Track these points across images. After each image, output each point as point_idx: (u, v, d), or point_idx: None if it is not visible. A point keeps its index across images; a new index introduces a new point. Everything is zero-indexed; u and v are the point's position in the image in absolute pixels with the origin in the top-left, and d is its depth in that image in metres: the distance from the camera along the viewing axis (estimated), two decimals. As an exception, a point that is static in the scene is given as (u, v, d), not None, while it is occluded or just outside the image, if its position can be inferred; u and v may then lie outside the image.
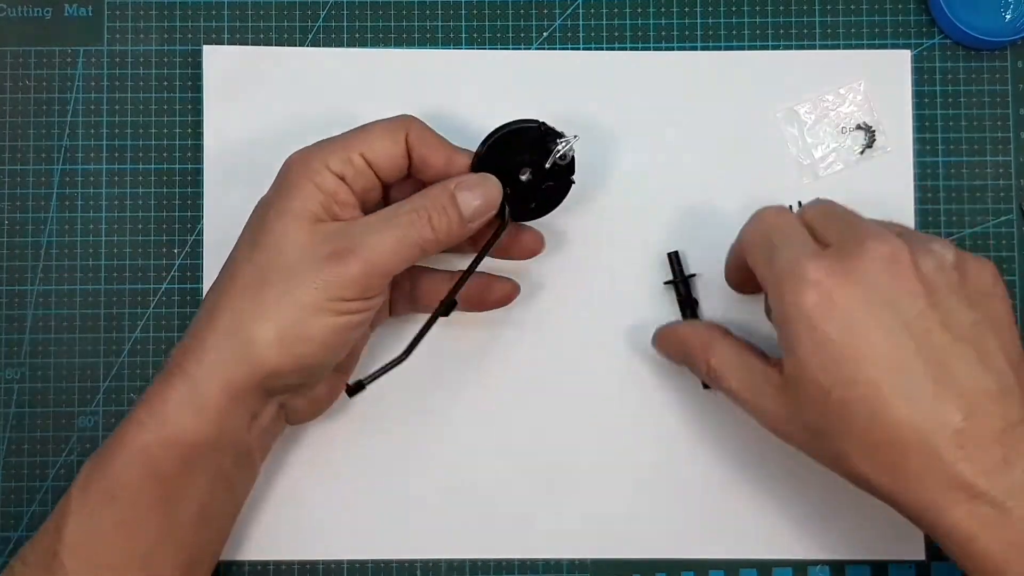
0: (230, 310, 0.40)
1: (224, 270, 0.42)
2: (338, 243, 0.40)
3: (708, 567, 0.49)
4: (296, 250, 0.40)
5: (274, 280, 0.40)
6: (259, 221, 0.41)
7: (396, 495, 0.49)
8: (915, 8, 0.51)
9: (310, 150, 0.42)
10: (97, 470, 0.40)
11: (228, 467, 0.42)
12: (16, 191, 0.51)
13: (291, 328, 0.39)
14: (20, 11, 0.51)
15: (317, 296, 0.39)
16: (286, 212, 0.41)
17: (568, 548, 0.49)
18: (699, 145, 0.50)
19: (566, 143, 0.44)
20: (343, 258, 0.40)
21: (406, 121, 0.43)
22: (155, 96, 0.51)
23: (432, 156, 0.43)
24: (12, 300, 0.50)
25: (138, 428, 0.40)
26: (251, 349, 0.39)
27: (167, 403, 0.40)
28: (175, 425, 0.40)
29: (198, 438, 0.40)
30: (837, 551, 0.49)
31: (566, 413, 0.49)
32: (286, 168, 0.42)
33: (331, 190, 0.41)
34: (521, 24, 0.51)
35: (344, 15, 0.51)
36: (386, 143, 0.42)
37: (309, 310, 0.39)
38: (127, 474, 0.40)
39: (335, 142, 0.42)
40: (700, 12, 0.51)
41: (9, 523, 0.49)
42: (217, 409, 0.40)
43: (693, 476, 0.49)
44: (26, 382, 0.50)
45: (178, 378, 0.40)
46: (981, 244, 0.50)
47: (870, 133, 0.50)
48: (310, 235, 0.40)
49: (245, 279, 0.40)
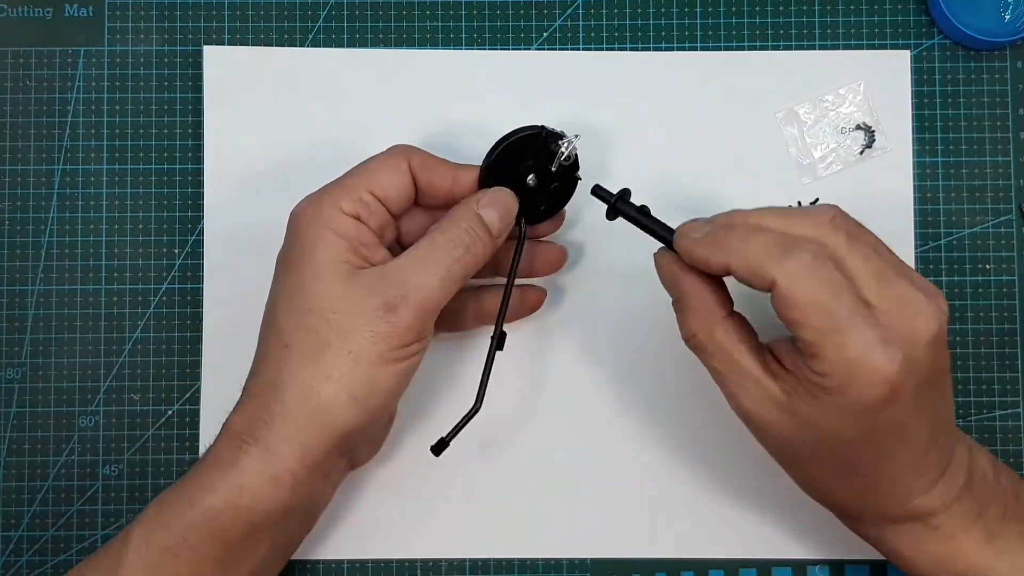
0: (296, 381, 0.40)
1: (270, 336, 0.41)
2: (385, 292, 0.40)
3: (708, 567, 0.49)
4: (345, 307, 0.40)
5: (333, 343, 0.39)
6: (293, 282, 0.41)
7: (396, 495, 0.49)
8: (915, 8, 0.51)
9: (317, 198, 0.42)
10: (161, 526, 0.40)
11: (293, 529, 0.43)
12: (17, 191, 0.51)
13: (361, 386, 0.39)
14: (21, 11, 0.51)
15: (379, 350, 0.39)
16: (319, 269, 0.40)
17: (568, 548, 0.49)
18: (699, 145, 0.50)
19: (568, 143, 0.44)
20: (395, 308, 0.39)
21: (404, 150, 0.43)
22: (155, 96, 0.51)
23: (438, 178, 0.43)
24: (13, 300, 0.50)
25: (207, 492, 0.40)
26: (326, 415, 0.39)
27: (242, 472, 0.39)
28: (250, 495, 0.39)
29: (271, 506, 0.40)
30: (836, 551, 0.49)
31: (566, 413, 0.49)
32: (299, 221, 0.41)
33: (352, 234, 0.41)
34: (521, 24, 0.51)
35: (344, 16, 0.51)
36: (391, 175, 0.42)
37: (374, 365, 0.39)
38: (193, 536, 0.40)
39: (340, 185, 0.42)
40: (700, 12, 0.51)
41: (10, 523, 0.50)
42: (294, 478, 0.40)
43: (693, 476, 0.49)
44: (27, 382, 0.50)
45: (252, 447, 0.40)
46: (980, 244, 0.50)
47: (870, 133, 0.50)
48: (353, 288, 0.40)
49: (301, 346, 0.40)
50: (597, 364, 0.50)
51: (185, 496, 0.40)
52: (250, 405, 0.40)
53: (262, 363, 0.41)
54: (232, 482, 0.39)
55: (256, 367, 0.42)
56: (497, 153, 0.44)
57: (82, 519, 0.50)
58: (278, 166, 0.50)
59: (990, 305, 0.50)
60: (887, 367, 0.36)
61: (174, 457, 0.50)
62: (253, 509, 0.40)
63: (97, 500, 0.50)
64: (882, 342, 0.36)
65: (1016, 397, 0.50)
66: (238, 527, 0.40)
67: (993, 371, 0.50)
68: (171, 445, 0.50)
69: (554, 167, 0.44)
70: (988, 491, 0.41)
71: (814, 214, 0.38)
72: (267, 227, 0.50)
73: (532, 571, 0.49)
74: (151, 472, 0.50)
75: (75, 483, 0.50)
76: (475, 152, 0.50)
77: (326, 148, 0.50)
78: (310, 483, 0.41)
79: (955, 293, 0.50)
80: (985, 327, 0.50)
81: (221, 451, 0.40)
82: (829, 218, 0.37)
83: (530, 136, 0.44)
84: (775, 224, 0.38)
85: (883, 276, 0.37)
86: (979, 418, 0.50)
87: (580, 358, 0.50)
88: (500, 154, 0.44)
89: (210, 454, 0.41)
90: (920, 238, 0.50)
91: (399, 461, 0.49)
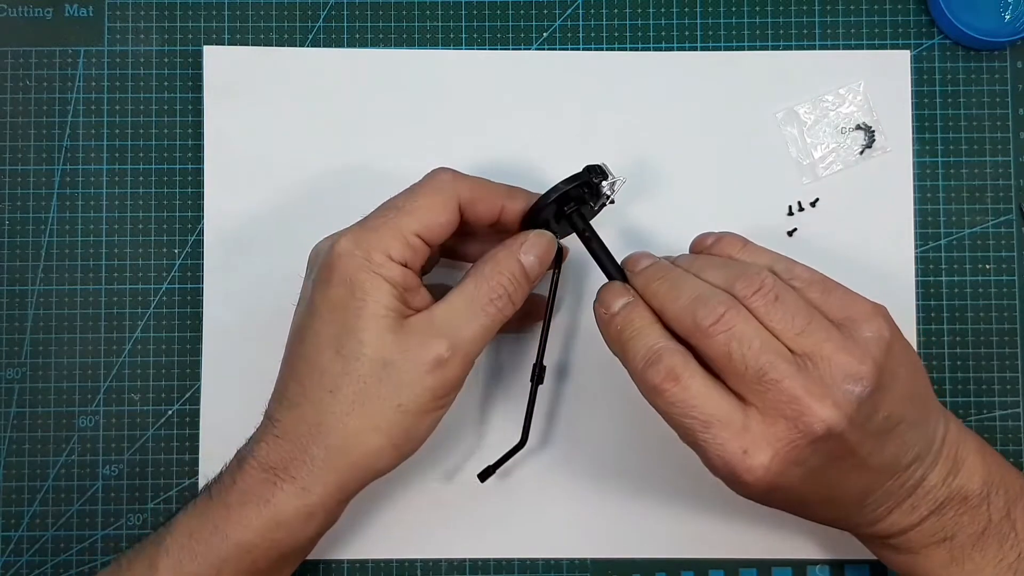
0: (339, 427, 0.40)
1: (313, 380, 0.40)
2: (438, 347, 0.40)
3: (708, 567, 0.49)
4: (397, 361, 0.40)
5: (382, 393, 0.40)
6: (343, 328, 0.40)
7: (396, 495, 0.49)
8: (915, 8, 0.51)
9: (364, 239, 0.41)
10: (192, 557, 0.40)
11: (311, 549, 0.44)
12: (17, 191, 0.51)
13: (403, 434, 0.40)
14: (21, 11, 0.51)
15: (426, 401, 0.40)
16: (369, 318, 0.40)
17: (568, 548, 0.49)
18: (699, 145, 0.50)
19: (616, 182, 0.43)
20: (445, 363, 0.40)
21: (453, 185, 0.42)
22: (156, 96, 0.51)
23: (484, 211, 0.43)
24: (13, 300, 0.50)
25: (243, 528, 0.40)
26: (367, 460, 0.41)
27: (279, 508, 0.40)
28: (286, 529, 0.40)
29: (303, 538, 0.41)
30: (836, 551, 0.49)
31: (566, 413, 0.49)
32: (346, 263, 0.40)
33: (400, 281, 0.40)
34: (521, 24, 0.51)
35: (344, 16, 0.51)
36: (440, 216, 0.42)
37: (418, 415, 0.40)
38: (228, 569, 0.40)
39: (388, 227, 0.41)
40: (700, 12, 0.51)
41: (10, 523, 0.50)
42: (327, 513, 0.41)
43: (693, 476, 0.49)
44: (27, 382, 0.50)
45: (288, 484, 0.40)
46: (980, 244, 0.50)
47: (870, 133, 0.50)
48: (405, 339, 0.40)
49: (348, 394, 0.40)
50: (597, 364, 0.50)
51: (219, 529, 0.40)
52: (286, 443, 0.41)
53: (300, 401, 0.41)
54: (268, 517, 0.40)
55: (291, 399, 0.41)
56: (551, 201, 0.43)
57: (82, 519, 0.50)
58: (278, 165, 0.50)
59: (990, 305, 0.50)
60: (751, 472, 0.38)
61: (174, 457, 0.50)
62: (286, 543, 0.41)
63: (97, 500, 0.50)
64: (741, 450, 0.37)
65: (1016, 397, 0.50)
66: (270, 559, 0.41)
67: (993, 371, 0.50)
68: (171, 445, 0.50)
69: (597, 207, 0.44)
70: (965, 514, 0.41)
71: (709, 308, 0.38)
72: (267, 226, 0.50)
73: (532, 571, 0.49)
74: (151, 472, 0.50)
75: (75, 483, 0.50)
76: (476, 151, 0.50)
77: (326, 147, 0.50)
78: (338, 512, 0.42)
79: (955, 293, 0.50)
80: (985, 327, 0.50)
81: (254, 484, 0.40)
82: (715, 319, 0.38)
83: (575, 179, 0.43)
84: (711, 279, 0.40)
85: (765, 375, 0.37)
86: (979, 418, 0.50)
87: (580, 358, 0.50)
88: (555, 201, 0.43)
89: (241, 484, 0.41)
90: (920, 238, 0.50)
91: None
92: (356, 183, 0.50)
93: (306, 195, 0.50)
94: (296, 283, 0.43)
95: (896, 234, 0.50)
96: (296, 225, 0.50)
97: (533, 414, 0.45)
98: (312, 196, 0.50)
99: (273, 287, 0.49)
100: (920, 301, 0.50)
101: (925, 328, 0.50)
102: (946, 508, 0.41)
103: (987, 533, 0.41)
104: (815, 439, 0.37)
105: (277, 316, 0.44)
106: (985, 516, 0.41)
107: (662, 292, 0.40)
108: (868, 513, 0.41)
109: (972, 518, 0.41)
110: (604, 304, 0.41)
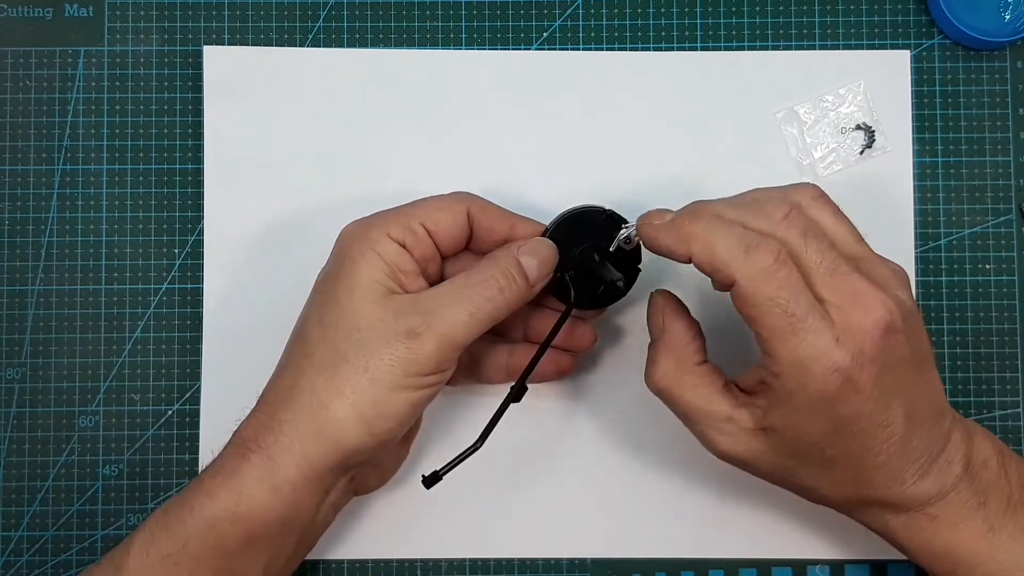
0: (309, 390, 0.40)
1: (296, 346, 0.41)
2: (413, 320, 0.40)
3: (708, 567, 0.49)
4: (371, 327, 0.40)
5: (352, 359, 0.39)
6: (327, 297, 0.41)
7: (397, 495, 0.49)
8: (914, 8, 0.51)
9: (369, 220, 0.42)
10: (163, 531, 0.40)
11: (290, 545, 0.42)
12: (17, 191, 0.51)
13: (371, 407, 0.39)
14: (21, 11, 0.51)
15: (396, 374, 0.39)
16: (355, 287, 0.40)
17: (568, 548, 0.49)
18: (699, 145, 0.50)
19: (630, 227, 0.43)
20: (419, 336, 0.39)
21: (466, 196, 0.43)
22: (156, 96, 0.51)
23: (496, 224, 0.43)
24: (13, 300, 0.50)
25: (209, 499, 0.40)
26: (332, 429, 0.39)
27: (243, 479, 0.39)
28: (249, 501, 0.39)
29: (270, 516, 0.40)
30: (836, 551, 0.49)
31: (566, 413, 0.49)
32: (345, 239, 0.42)
33: (394, 259, 0.41)
34: (521, 24, 0.51)
35: (344, 16, 0.51)
36: (446, 214, 0.42)
37: (388, 388, 0.39)
38: (194, 544, 0.40)
39: (393, 212, 0.42)
40: (700, 12, 0.51)
41: (10, 523, 0.50)
42: (293, 488, 0.40)
43: (693, 476, 0.49)
44: (27, 382, 0.50)
45: (255, 454, 0.40)
46: (980, 244, 0.50)
47: (869, 133, 0.50)
48: (383, 310, 0.40)
49: (322, 358, 0.40)
50: (596, 364, 0.50)
51: (187, 502, 0.40)
52: (262, 413, 0.41)
53: (282, 371, 0.41)
54: (232, 488, 0.39)
55: (276, 374, 0.42)
56: (558, 225, 0.44)
57: (82, 519, 0.50)
58: (278, 165, 0.50)
59: (990, 305, 0.50)
60: (840, 361, 0.37)
61: (174, 457, 0.50)
62: (250, 518, 0.40)
63: (97, 500, 0.50)
64: (833, 338, 0.37)
65: (1016, 397, 0.50)
66: (236, 536, 0.40)
67: (993, 371, 0.50)
68: (171, 445, 0.50)
69: (612, 248, 0.44)
70: (991, 480, 0.41)
71: (771, 209, 0.39)
72: (267, 226, 0.50)
73: (532, 571, 0.49)
74: (151, 472, 0.50)
75: (75, 483, 0.50)
76: (476, 151, 0.50)
77: (326, 148, 0.50)
78: (309, 496, 0.41)
79: (955, 293, 0.50)
80: (985, 327, 0.50)
81: (226, 459, 0.40)
82: (783, 215, 0.39)
83: (592, 215, 0.44)
84: (736, 216, 0.39)
85: (836, 271, 0.38)
86: (979, 418, 0.50)
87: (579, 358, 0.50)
88: (561, 226, 0.44)
89: (216, 461, 0.41)
90: (920, 238, 0.50)
91: (399, 461, 0.49)
92: (356, 183, 0.50)
93: (306, 195, 0.50)
94: (296, 283, 0.43)
95: (896, 234, 0.50)
96: (296, 225, 0.50)
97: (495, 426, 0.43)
98: (312, 196, 0.50)
99: (273, 287, 0.49)
100: (920, 301, 0.50)
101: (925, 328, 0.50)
102: (973, 470, 0.40)
103: (1012, 500, 0.41)
104: (883, 330, 0.37)
105: (277, 316, 0.44)
106: (1006, 483, 0.41)
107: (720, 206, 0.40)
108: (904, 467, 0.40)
109: (997, 485, 0.41)
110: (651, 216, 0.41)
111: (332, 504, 0.43)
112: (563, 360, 0.46)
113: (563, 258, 0.43)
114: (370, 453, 0.41)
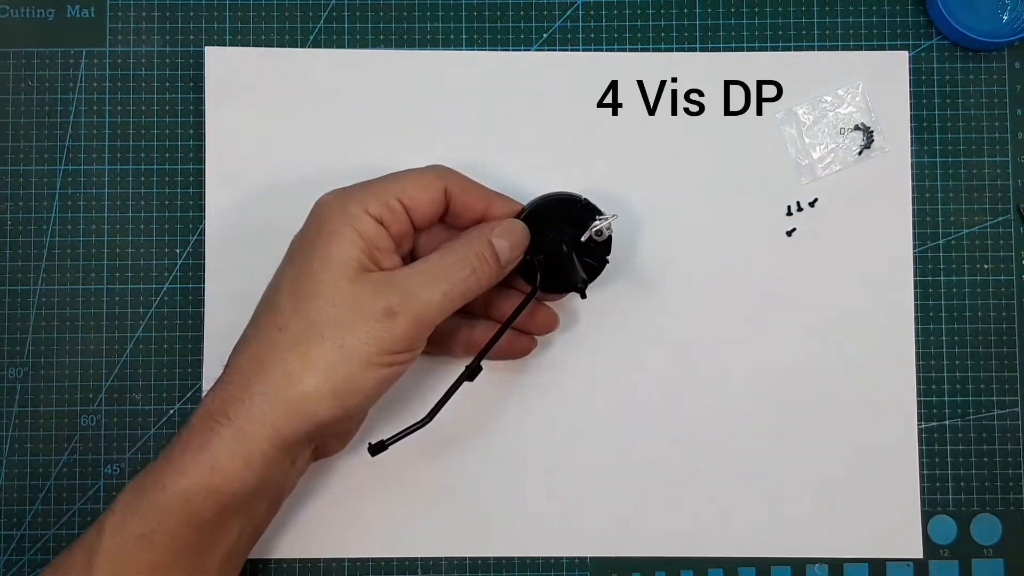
0: (281, 363, 0.40)
1: (267, 316, 0.42)
2: (390, 298, 0.40)
3: (708, 566, 0.49)
4: (346, 304, 0.40)
5: (326, 335, 0.40)
6: (301, 268, 0.41)
7: (397, 494, 0.49)
8: (913, 9, 0.51)
9: (345, 193, 0.42)
10: (134, 512, 0.40)
11: (261, 511, 0.43)
12: (19, 191, 0.51)
13: (343, 382, 0.40)
14: (23, 12, 0.51)
15: (369, 351, 0.40)
16: (331, 262, 0.41)
17: (568, 547, 0.49)
18: (698, 145, 0.50)
19: (604, 220, 0.44)
20: (395, 315, 0.40)
21: (443, 171, 0.44)
22: (157, 97, 0.51)
23: (473, 201, 0.44)
24: (15, 300, 0.50)
25: (179, 474, 0.40)
26: (304, 403, 0.40)
27: (214, 453, 0.40)
28: (221, 475, 0.40)
29: (242, 487, 0.40)
30: (835, 550, 0.49)
31: (566, 413, 0.50)
32: (323, 211, 0.42)
33: (371, 236, 0.41)
34: (521, 25, 0.51)
35: (345, 17, 0.52)
36: (423, 189, 0.43)
37: (362, 365, 0.40)
38: (167, 520, 0.40)
39: (371, 185, 0.43)
40: (699, 14, 0.52)
41: (12, 521, 0.50)
42: (264, 460, 0.40)
43: (693, 476, 0.49)
44: (28, 381, 0.50)
45: (225, 428, 0.40)
46: (979, 244, 0.50)
47: (868, 134, 0.51)
48: (358, 287, 0.40)
49: (295, 332, 0.40)
50: (596, 364, 0.50)
51: (157, 480, 0.40)
52: (230, 384, 0.41)
53: (252, 340, 0.41)
54: (203, 463, 0.40)
55: (244, 343, 0.42)
56: (535, 208, 0.44)
57: (84, 518, 0.50)
58: (279, 166, 0.50)
59: (988, 305, 0.50)
60: None
61: (175, 456, 0.50)
62: (224, 490, 0.40)
63: (99, 499, 0.50)
64: None
65: (1014, 397, 0.50)
66: (210, 508, 0.40)
67: (992, 371, 0.50)
68: (172, 444, 0.50)
69: (584, 238, 0.44)
70: None
71: None
72: (268, 226, 0.50)
73: (532, 570, 0.49)
74: (152, 471, 0.50)
75: (77, 482, 0.50)
76: (476, 151, 0.50)
77: (327, 148, 0.50)
78: (278, 465, 0.41)
79: (954, 293, 0.50)
80: (984, 327, 0.50)
81: (193, 432, 0.40)
82: None
83: (569, 203, 0.45)
84: None
85: None
86: (977, 418, 0.50)
87: (579, 358, 0.50)
88: (537, 209, 0.44)
89: (183, 436, 0.41)
90: (918, 238, 0.50)
91: (400, 460, 0.49)
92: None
93: (306, 195, 0.50)
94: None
95: (895, 234, 0.50)
96: (296, 225, 0.50)
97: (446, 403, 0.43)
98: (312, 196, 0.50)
99: (274, 287, 0.49)
100: (919, 301, 0.50)
101: (924, 328, 0.50)
102: None
103: None
104: None
105: (278, 316, 0.44)
106: None
107: None
108: None
109: None
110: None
111: (298, 470, 0.44)
112: (522, 342, 0.47)
113: (535, 241, 0.44)
114: (339, 426, 0.42)
